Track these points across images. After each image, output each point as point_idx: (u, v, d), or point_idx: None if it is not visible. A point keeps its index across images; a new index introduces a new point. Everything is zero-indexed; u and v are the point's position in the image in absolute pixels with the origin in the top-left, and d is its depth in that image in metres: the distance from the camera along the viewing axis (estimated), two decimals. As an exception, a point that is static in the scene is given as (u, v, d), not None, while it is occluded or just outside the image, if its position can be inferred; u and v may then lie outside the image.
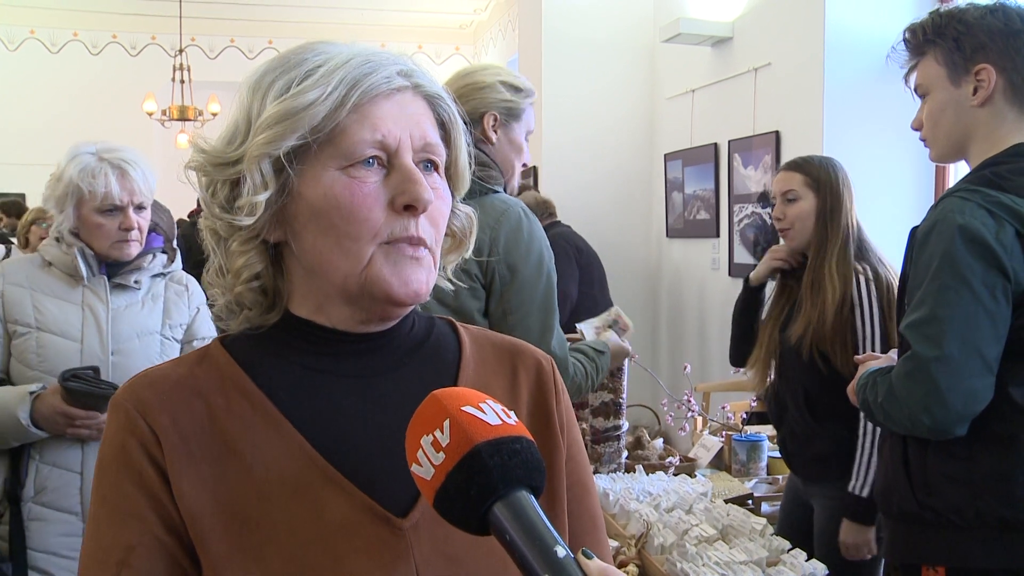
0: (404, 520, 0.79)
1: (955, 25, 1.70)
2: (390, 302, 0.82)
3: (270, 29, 9.31)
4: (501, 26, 8.72)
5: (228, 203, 0.83)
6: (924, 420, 1.60)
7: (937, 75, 1.74)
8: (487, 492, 0.63)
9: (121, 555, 0.77)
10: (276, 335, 0.86)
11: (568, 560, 0.61)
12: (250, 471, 0.79)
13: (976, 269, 1.56)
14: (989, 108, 1.68)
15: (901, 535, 1.74)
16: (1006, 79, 1.66)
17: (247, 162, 0.80)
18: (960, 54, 1.69)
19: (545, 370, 0.94)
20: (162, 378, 0.83)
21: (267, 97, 0.81)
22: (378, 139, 0.80)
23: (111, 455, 0.80)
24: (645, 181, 5.79)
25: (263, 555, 0.76)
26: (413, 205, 0.80)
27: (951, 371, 1.57)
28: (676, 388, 4.37)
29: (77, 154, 2.04)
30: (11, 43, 9.28)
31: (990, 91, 1.67)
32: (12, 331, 1.99)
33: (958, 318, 1.57)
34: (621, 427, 2.59)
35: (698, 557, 1.80)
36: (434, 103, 0.86)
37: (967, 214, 1.59)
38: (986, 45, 1.66)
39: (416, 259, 0.82)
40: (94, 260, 2.05)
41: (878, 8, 3.87)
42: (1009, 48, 1.66)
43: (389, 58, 0.83)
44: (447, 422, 0.65)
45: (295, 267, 0.85)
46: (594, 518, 0.95)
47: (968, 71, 1.68)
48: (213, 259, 0.86)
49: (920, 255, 1.66)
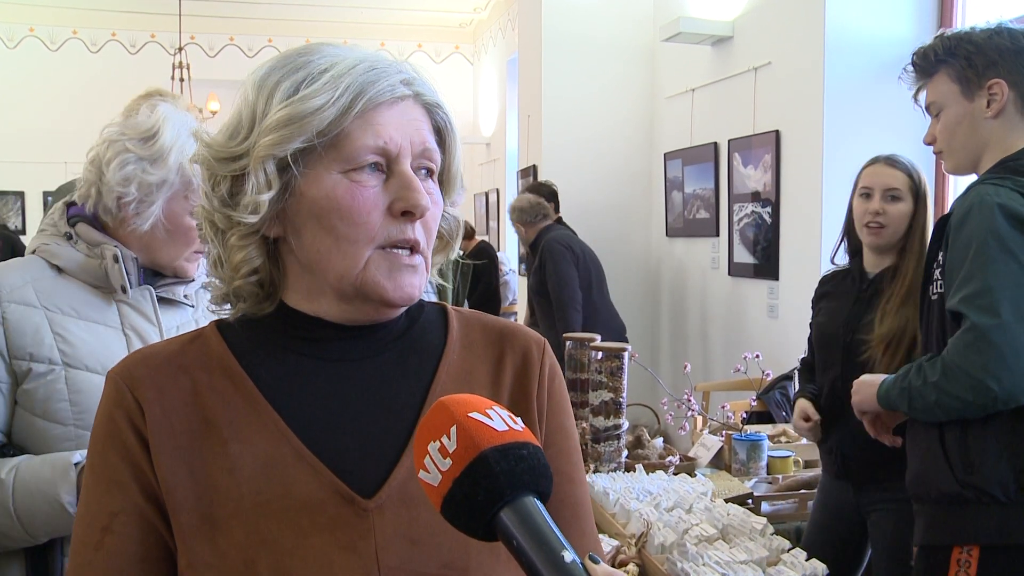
0: (369, 501, 0.82)
1: (965, 45, 1.84)
2: (384, 304, 0.86)
3: (269, 27, 9.31)
4: (501, 25, 8.72)
5: (230, 197, 0.85)
6: (992, 386, 1.65)
7: (950, 91, 1.87)
8: (494, 498, 0.64)
9: (106, 521, 0.82)
10: (268, 322, 0.89)
11: (575, 565, 0.61)
12: (225, 446, 0.82)
13: (1020, 242, 1.67)
14: (1002, 119, 1.82)
15: (936, 519, 1.76)
16: (1017, 92, 1.81)
17: (253, 162, 0.82)
18: (972, 71, 1.83)
19: (532, 354, 0.95)
20: (154, 355, 0.87)
21: (273, 97, 0.83)
22: (380, 145, 0.83)
23: (101, 426, 0.85)
24: (645, 180, 5.80)
25: (229, 527, 0.80)
26: (411, 211, 0.83)
27: (1012, 336, 1.65)
28: (676, 387, 4.38)
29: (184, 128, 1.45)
30: (10, 41, 9.27)
31: (1003, 103, 1.81)
32: (23, 371, 1.37)
33: (1009, 287, 1.66)
34: (621, 426, 2.59)
35: (698, 556, 1.81)
36: (432, 111, 0.88)
37: (1003, 196, 1.70)
38: (997, 62, 1.81)
39: (411, 266, 0.85)
40: (134, 266, 1.47)
41: (878, 8, 3.88)
42: (1018, 64, 1.80)
43: (392, 66, 0.85)
44: (454, 428, 0.66)
45: (291, 262, 0.87)
46: (575, 507, 0.95)
47: (981, 86, 1.82)
48: (210, 249, 0.89)
49: (957, 237, 1.74)
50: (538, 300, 4.78)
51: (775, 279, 4.39)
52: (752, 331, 4.61)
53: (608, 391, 2.55)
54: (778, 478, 2.70)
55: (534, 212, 4.83)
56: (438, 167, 0.89)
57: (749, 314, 4.66)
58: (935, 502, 1.76)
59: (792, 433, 3.13)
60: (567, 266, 4.58)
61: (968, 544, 1.69)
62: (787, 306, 4.30)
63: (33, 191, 9.67)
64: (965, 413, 1.72)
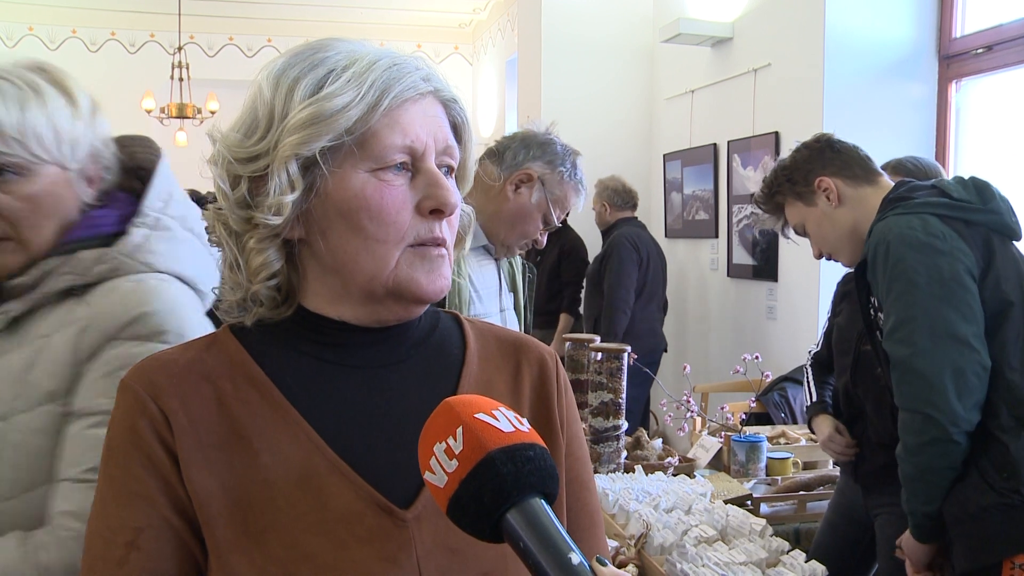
0: (407, 511, 0.80)
1: (781, 173, 2.17)
2: (418, 301, 0.84)
3: (269, 27, 9.30)
4: (500, 26, 8.71)
5: (251, 198, 0.82)
6: (933, 415, 1.69)
7: (797, 210, 2.15)
8: (500, 499, 0.64)
9: (130, 536, 0.78)
10: (286, 326, 0.86)
11: (582, 567, 0.61)
12: (256, 457, 0.79)
13: (919, 268, 1.77)
14: (846, 201, 2.07)
15: (978, 536, 1.74)
16: (841, 177, 2.08)
17: (276, 162, 0.80)
18: (799, 185, 2.12)
19: (548, 365, 0.95)
20: (171, 362, 0.83)
21: (294, 95, 0.80)
22: (408, 144, 0.81)
23: (120, 436, 0.80)
24: (644, 181, 5.79)
25: (266, 541, 0.77)
26: (441, 209, 0.83)
27: (931, 360, 1.72)
28: (675, 388, 4.38)
29: None
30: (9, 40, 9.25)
31: (836, 190, 2.07)
32: None
33: (919, 315, 1.74)
34: (620, 427, 2.59)
35: (697, 558, 1.81)
36: (449, 106, 0.87)
37: (893, 226, 1.84)
38: (811, 168, 2.10)
39: (441, 257, 0.84)
40: None
41: (878, 10, 3.88)
42: (824, 159, 2.10)
43: (412, 62, 0.84)
44: (460, 429, 0.66)
45: (311, 264, 0.85)
46: (592, 515, 0.95)
47: (813, 190, 2.10)
48: (225, 253, 0.86)
49: (873, 281, 1.89)
50: (590, 288, 4.74)
51: (774, 280, 4.39)
52: (751, 332, 4.61)
53: (608, 392, 2.55)
54: (777, 479, 2.70)
55: (623, 198, 4.77)
56: (457, 163, 0.89)
57: (748, 315, 4.66)
58: (975, 519, 1.74)
59: (791, 435, 3.13)
60: (631, 267, 4.55)
61: (1019, 555, 1.68)
62: (786, 307, 4.30)
63: (31, 190, 9.65)
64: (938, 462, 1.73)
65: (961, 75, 3.79)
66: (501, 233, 2.09)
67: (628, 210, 4.79)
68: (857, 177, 2.08)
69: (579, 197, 2.14)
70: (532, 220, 2.07)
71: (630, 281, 4.54)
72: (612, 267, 4.54)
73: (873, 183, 2.08)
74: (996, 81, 3.67)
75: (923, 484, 1.79)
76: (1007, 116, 3.61)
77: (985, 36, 3.63)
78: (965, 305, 1.74)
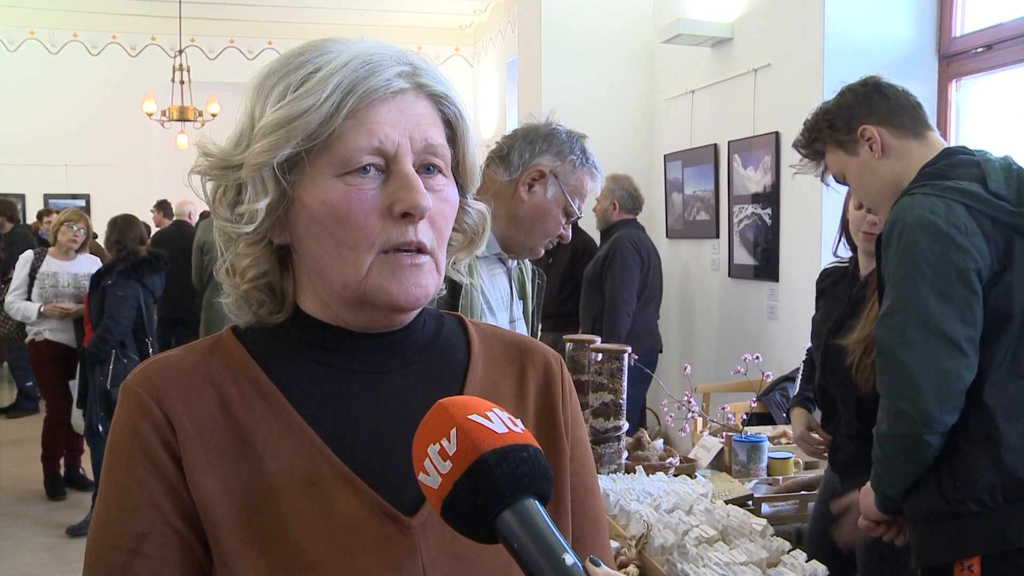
0: (412, 518, 0.80)
1: (822, 117, 2.04)
2: (392, 309, 0.82)
3: (270, 30, 9.32)
4: (500, 27, 8.72)
5: (232, 207, 0.82)
6: (907, 409, 1.66)
7: (838, 158, 2.01)
8: (494, 500, 0.63)
9: (133, 543, 0.76)
10: (287, 329, 0.86)
11: (576, 568, 0.61)
12: (261, 463, 0.79)
13: (931, 257, 1.69)
14: (890, 153, 1.93)
15: (927, 537, 1.75)
16: (886, 126, 1.93)
17: (246, 170, 0.79)
18: (840, 132, 1.99)
19: (553, 369, 0.94)
20: (174, 365, 0.82)
21: (268, 101, 0.80)
22: (375, 146, 0.79)
23: (123, 440, 0.79)
24: (645, 182, 5.78)
25: (272, 548, 0.76)
26: (410, 213, 0.79)
27: (919, 356, 1.67)
28: (676, 388, 4.38)
29: None
30: (11, 44, 9.27)
31: (881, 140, 1.93)
32: None
33: (916, 306, 1.68)
34: (621, 428, 2.59)
35: (698, 558, 1.81)
36: (439, 102, 0.84)
37: (916, 206, 1.73)
38: (854, 114, 1.96)
39: (416, 265, 0.81)
40: None
41: (877, 10, 3.88)
42: (870, 105, 1.96)
43: (391, 58, 0.81)
44: (454, 431, 0.66)
45: (300, 269, 0.85)
46: (596, 519, 0.94)
47: (856, 139, 1.95)
48: (224, 259, 0.86)
49: (885, 258, 1.80)
50: (588, 288, 4.73)
51: (775, 280, 4.39)
52: (752, 332, 4.61)
53: (608, 392, 2.55)
54: (778, 479, 2.70)
55: (634, 202, 4.77)
56: (448, 162, 0.84)
57: (749, 315, 4.66)
58: (925, 521, 1.75)
59: (792, 434, 3.13)
60: (634, 269, 4.55)
61: (967, 558, 1.68)
62: (787, 307, 4.30)
63: (33, 193, 9.69)
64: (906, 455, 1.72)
65: (961, 74, 3.79)
66: (521, 237, 1.99)
67: (630, 211, 4.80)
68: (904, 128, 1.93)
69: (596, 181, 2.04)
70: (552, 217, 1.98)
71: (633, 283, 4.54)
72: (615, 270, 4.54)
73: (920, 137, 1.93)
74: (996, 80, 3.67)
75: (889, 469, 1.78)
76: (1007, 115, 3.61)
77: (985, 35, 3.63)
78: (966, 306, 1.68)
